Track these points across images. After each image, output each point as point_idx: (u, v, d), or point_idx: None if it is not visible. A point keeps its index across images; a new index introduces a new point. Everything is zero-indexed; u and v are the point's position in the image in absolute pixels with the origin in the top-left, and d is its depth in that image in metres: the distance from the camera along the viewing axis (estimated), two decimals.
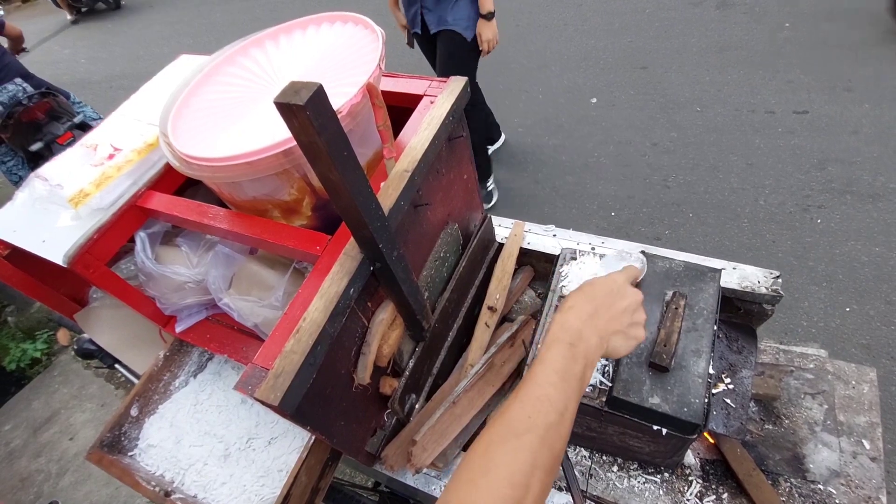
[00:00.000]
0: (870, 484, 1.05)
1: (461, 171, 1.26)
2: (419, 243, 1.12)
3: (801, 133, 3.20)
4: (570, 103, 4.03)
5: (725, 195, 3.04)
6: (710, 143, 3.38)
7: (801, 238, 2.72)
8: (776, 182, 3.00)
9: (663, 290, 1.04)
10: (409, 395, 1.14)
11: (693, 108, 3.64)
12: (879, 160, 2.89)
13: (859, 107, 3.19)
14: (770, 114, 3.38)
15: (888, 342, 2.26)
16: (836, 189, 2.86)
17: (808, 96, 3.38)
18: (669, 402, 0.89)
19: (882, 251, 2.55)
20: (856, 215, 2.72)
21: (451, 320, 1.29)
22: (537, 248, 1.45)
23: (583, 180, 3.43)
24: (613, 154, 3.53)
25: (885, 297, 2.40)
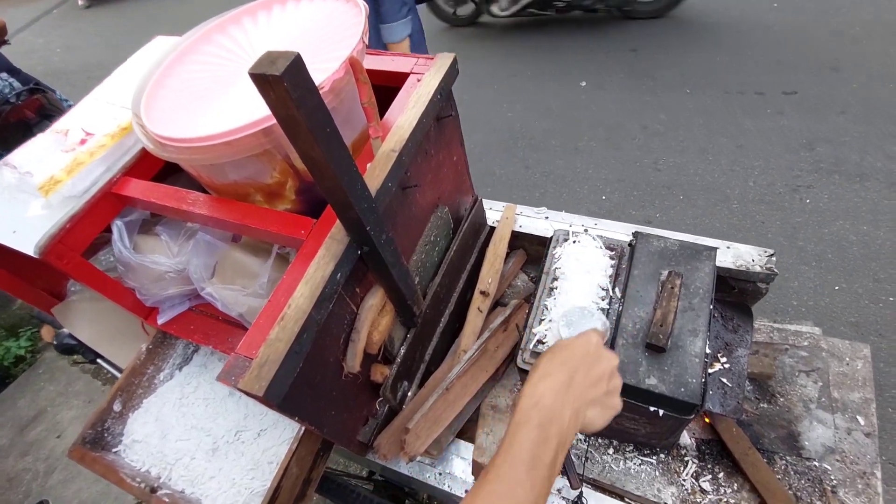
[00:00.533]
0: (864, 459, 1.05)
1: (451, 152, 1.22)
2: (408, 227, 1.08)
3: (790, 114, 3.20)
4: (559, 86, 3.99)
5: (715, 177, 3.04)
6: (699, 125, 3.37)
7: (790, 218, 2.72)
8: (765, 163, 3.00)
9: (658, 269, 1.02)
10: (401, 383, 1.11)
11: (682, 90, 3.62)
12: (867, 139, 2.90)
13: (847, 87, 3.19)
14: (759, 95, 3.37)
15: (876, 320, 2.28)
16: (824, 169, 2.87)
17: (797, 76, 3.37)
18: (667, 382, 0.88)
19: (869, 230, 2.57)
20: (844, 195, 2.73)
21: (442, 305, 1.26)
22: (529, 231, 1.43)
23: (573, 164, 3.40)
24: (604, 137, 3.51)
25: (873, 276, 2.42)
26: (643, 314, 0.96)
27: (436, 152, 1.14)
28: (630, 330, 0.95)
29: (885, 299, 2.33)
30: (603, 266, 1.10)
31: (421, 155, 1.06)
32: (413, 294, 1.02)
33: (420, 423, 1.03)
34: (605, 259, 1.12)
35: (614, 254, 1.12)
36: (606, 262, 1.11)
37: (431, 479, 1.12)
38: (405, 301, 0.99)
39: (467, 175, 1.36)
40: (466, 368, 1.14)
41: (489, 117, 3.93)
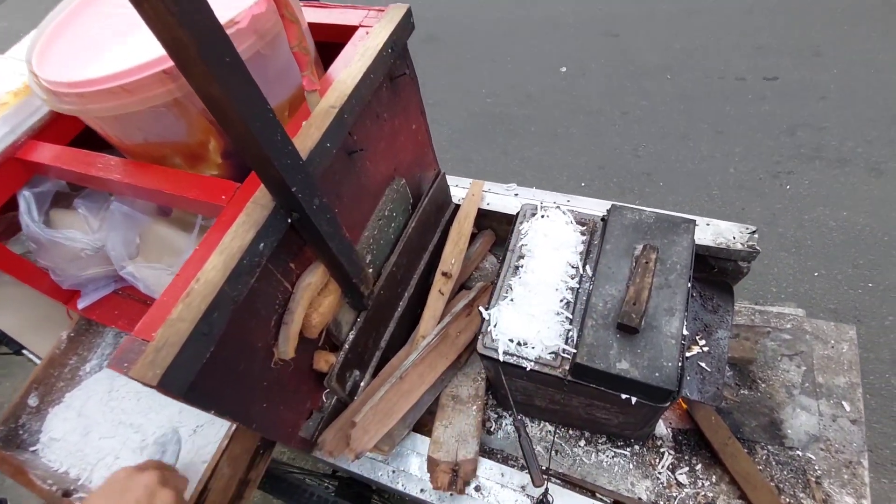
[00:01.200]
0: (850, 448, 0.98)
1: (408, 118, 1.11)
2: (357, 197, 0.97)
3: (772, 99, 3.14)
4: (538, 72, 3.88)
5: (696, 163, 2.97)
6: (680, 111, 3.30)
7: (770, 205, 2.67)
8: (746, 149, 2.95)
9: (632, 243, 0.92)
10: (350, 372, 1.00)
11: (663, 76, 3.54)
12: (847, 125, 2.87)
13: (828, 72, 3.15)
14: (740, 80, 3.31)
15: (855, 306, 2.24)
16: (805, 155, 2.82)
17: (778, 61, 3.32)
18: (639, 366, 0.78)
19: (849, 215, 2.53)
20: (824, 181, 2.69)
21: (400, 288, 1.15)
22: (498, 209, 1.32)
23: (552, 151, 3.31)
24: (583, 123, 3.42)
25: (852, 262, 2.38)
26: (615, 292, 0.87)
27: (390, 117, 1.03)
28: (600, 310, 0.85)
29: (863, 285, 2.29)
30: (573, 242, 1.00)
31: (370, 117, 0.95)
32: (360, 272, 0.90)
33: (369, 415, 0.92)
34: (575, 235, 1.02)
35: (586, 229, 1.03)
36: (577, 238, 1.01)
37: (384, 477, 1.01)
38: (350, 279, 0.88)
39: (429, 146, 1.25)
40: (424, 356, 1.03)
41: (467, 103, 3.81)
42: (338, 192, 0.89)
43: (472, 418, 1.02)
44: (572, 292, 0.94)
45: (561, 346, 0.87)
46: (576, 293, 0.93)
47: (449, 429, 1.00)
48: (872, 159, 2.68)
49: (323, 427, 1.00)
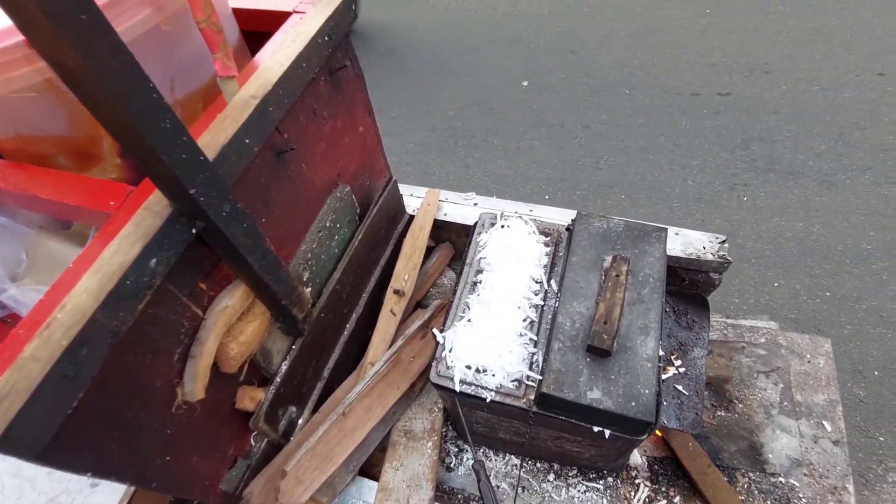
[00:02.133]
0: (834, 472, 0.91)
1: (354, 119, 1.00)
2: (292, 206, 0.84)
3: (726, 114, 3.22)
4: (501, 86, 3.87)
5: (656, 176, 2.99)
6: (639, 125, 3.34)
7: (729, 216, 2.70)
8: (704, 162, 2.99)
9: (601, 254, 0.83)
10: (284, 409, 0.86)
11: (622, 91, 3.59)
12: (797, 139, 2.95)
13: (777, 88, 3.26)
14: (695, 96, 3.39)
15: (814, 315, 2.26)
16: (759, 167, 2.88)
17: (731, 78, 3.42)
18: (613, 395, 0.68)
19: (804, 226, 2.57)
20: (779, 192, 2.74)
21: (347, 308, 1.02)
22: (456, 220, 1.22)
23: (516, 164, 3.27)
24: (546, 136, 3.41)
25: (808, 271, 2.41)
26: (583, 309, 0.77)
27: (331, 115, 0.91)
28: (568, 330, 0.75)
29: (821, 294, 2.31)
30: (536, 254, 0.91)
31: (305, 113, 0.83)
32: (291, 292, 0.77)
33: (303, 461, 0.78)
34: (538, 246, 0.92)
35: (550, 240, 0.93)
36: (541, 250, 0.91)
37: None
38: (279, 302, 0.75)
39: (380, 152, 1.14)
40: (372, 386, 0.90)
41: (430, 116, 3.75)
42: (264, 197, 0.76)
43: (426, 457, 0.89)
44: (536, 310, 0.83)
45: (525, 373, 0.76)
46: (540, 311, 0.83)
47: (400, 472, 0.87)
48: (823, 172, 2.75)
49: (251, 476, 0.84)
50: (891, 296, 2.23)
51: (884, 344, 2.08)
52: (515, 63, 4.11)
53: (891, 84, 3.18)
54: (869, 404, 2.00)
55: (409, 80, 4.03)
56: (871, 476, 1.85)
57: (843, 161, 2.78)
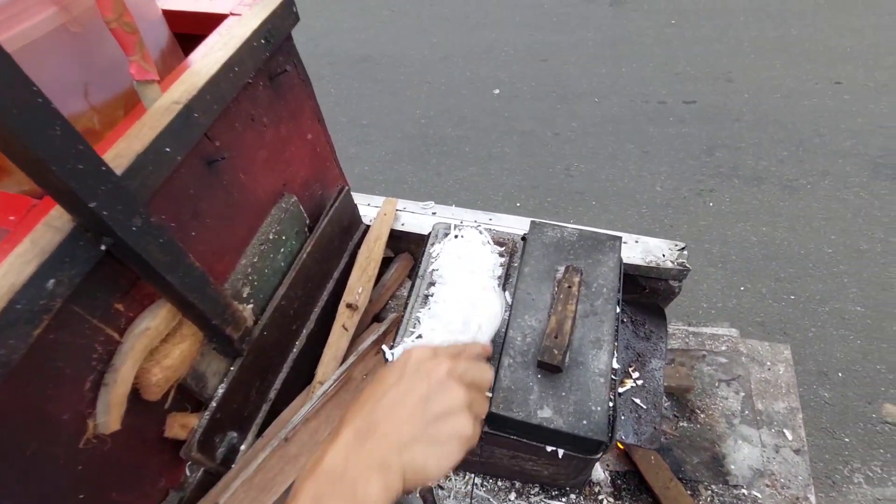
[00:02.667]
0: (796, 481, 0.89)
1: (300, 127, 0.95)
2: (228, 218, 0.79)
3: (691, 122, 3.28)
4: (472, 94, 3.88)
5: (625, 182, 3.02)
6: (607, 132, 3.38)
7: (696, 221, 2.73)
8: (671, 168, 3.04)
9: (553, 264, 0.80)
10: (222, 435, 0.80)
11: (591, 99, 3.64)
12: (760, 145, 3.02)
13: (740, 96, 3.34)
14: (662, 104, 3.45)
15: (780, 318, 2.29)
16: (724, 174, 2.93)
17: (695, 87, 3.50)
18: (564, 413, 0.65)
19: (768, 230, 2.62)
20: (743, 198, 2.80)
21: (296, 324, 0.97)
22: (414, 230, 1.18)
23: (487, 171, 3.26)
24: (517, 144, 3.42)
25: (774, 275, 2.45)
26: (535, 322, 0.74)
27: (272, 122, 0.87)
28: (519, 345, 0.72)
29: (786, 298, 2.35)
30: (490, 265, 0.88)
31: (241, 120, 0.78)
32: (224, 310, 0.72)
33: (238, 493, 0.72)
34: (493, 256, 0.89)
35: (504, 249, 0.90)
36: (495, 260, 0.88)
37: None
38: (209, 321, 0.70)
39: (332, 160, 1.10)
40: (319, 407, 0.85)
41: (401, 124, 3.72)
42: (194, 209, 0.71)
43: None
44: None
45: None
46: None
47: None
48: (785, 177, 2.82)
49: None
50: (852, 298, 2.28)
51: (846, 346, 2.12)
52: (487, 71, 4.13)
53: (847, 92, 3.29)
54: (834, 406, 2.03)
55: (380, 89, 4.00)
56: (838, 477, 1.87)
57: (804, 167, 2.86)
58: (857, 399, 1.99)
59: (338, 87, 4.15)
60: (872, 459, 1.83)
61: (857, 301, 2.28)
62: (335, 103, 3.92)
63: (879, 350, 2.09)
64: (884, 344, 2.10)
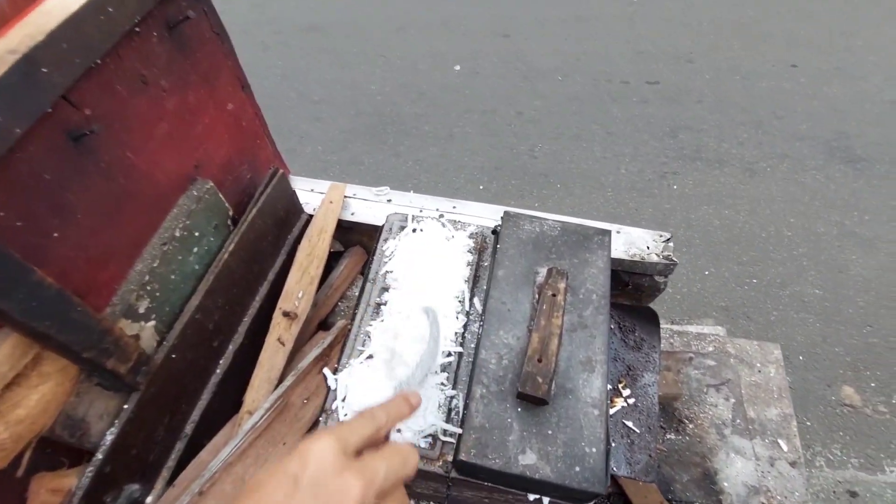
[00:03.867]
0: (793, 498, 0.81)
1: (216, 94, 0.76)
2: (110, 212, 0.60)
3: (654, 102, 3.23)
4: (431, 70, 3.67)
5: (590, 164, 2.94)
6: (572, 111, 3.28)
7: (660, 205, 2.69)
8: (635, 150, 2.98)
9: (533, 265, 0.66)
10: (117, 492, 0.62)
11: (555, 77, 3.52)
12: (721, 127, 3.00)
13: (701, 77, 3.31)
14: (625, 83, 3.38)
15: (743, 303, 2.28)
16: (687, 156, 2.90)
17: (657, 67, 3.44)
18: (552, 458, 0.52)
19: (730, 214, 2.61)
20: (706, 181, 2.78)
21: (218, 340, 0.79)
22: (367, 220, 1.01)
23: (448, 151, 3.10)
24: (479, 123, 3.26)
25: (736, 259, 2.44)
26: (512, 340, 0.60)
27: (176, 88, 0.67)
28: (493, 370, 0.58)
29: (749, 281, 2.35)
30: (457, 265, 0.73)
31: (125, 81, 0.59)
32: (97, 339, 0.54)
33: None
34: (460, 254, 0.74)
35: (473, 245, 0.76)
36: (462, 259, 0.73)
37: None
38: (77, 355, 0.51)
39: (264, 136, 0.91)
40: (245, 447, 0.68)
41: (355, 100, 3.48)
42: (54, 201, 0.52)
43: None
44: (456, 340, 0.65)
45: (440, 427, 0.58)
46: (462, 340, 0.66)
47: None
48: (746, 160, 2.81)
49: None
50: (811, 281, 2.31)
51: (806, 328, 2.14)
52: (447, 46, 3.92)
53: (803, 75, 3.33)
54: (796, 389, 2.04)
55: (332, 61, 3.72)
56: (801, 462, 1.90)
57: (763, 149, 2.86)
58: (818, 382, 2.01)
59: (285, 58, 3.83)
60: (833, 442, 1.85)
61: (816, 284, 2.31)
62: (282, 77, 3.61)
63: (838, 333, 2.11)
64: (841, 326, 2.13)
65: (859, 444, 1.87)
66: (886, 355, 2.06)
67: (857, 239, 2.46)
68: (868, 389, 1.98)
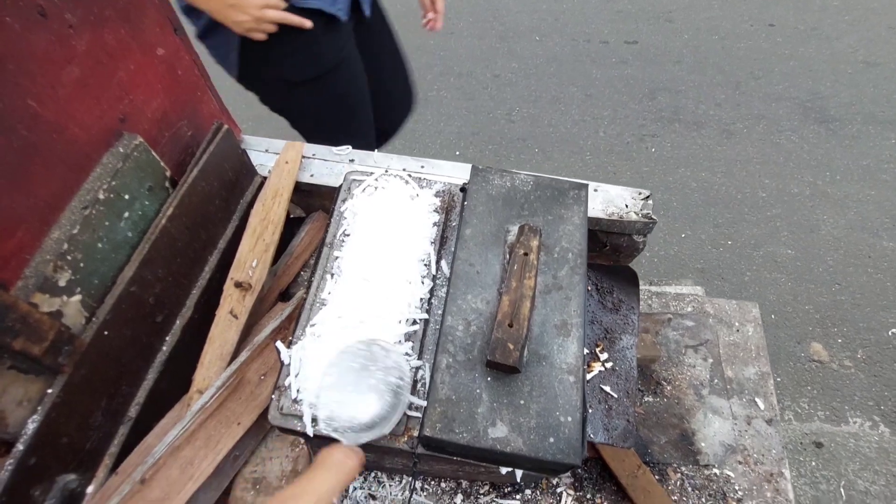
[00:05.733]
0: (769, 455, 0.80)
1: (141, 35, 0.66)
2: (15, 173, 0.51)
3: (633, 63, 3.15)
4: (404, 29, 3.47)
5: (568, 128, 2.87)
6: (550, 73, 3.18)
7: (639, 168, 2.66)
8: (613, 112, 2.91)
9: (503, 223, 0.61)
10: (48, 484, 0.56)
11: (532, 38, 3.39)
12: (700, 89, 2.96)
13: (680, 37, 3.24)
14: (604, 44, 3.28)
15: (718, 264, 2.29)
16: (665, 118, 2.86)
17: (636, 26, 3.35)
18: (524, 430, 0.47)
19: (707, 176, 2.60)
20: (683, 143, 2.74)
21: (161, 315, 0.72)
22: (327, 182, 0.93)
23: (424, 116, 2.98)
24: (455, 86, 3.14)
25: (712, 221, 2.44)
26: (481, 304, 0.55)
27: (85, 25, 0.57)
28: (460, 337, 0.53)
29: (724, 243, 2.35)
30: (423, 225, 0.66)
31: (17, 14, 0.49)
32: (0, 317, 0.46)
33: None
34: (425, 213, 0.68)
35: (440, 204, 0.69)
36: (427, 219, 0.67)
37: None
38: None
39: (205, 88, 0.81)
40: (195, 428, 0.62)
41: None
42: None
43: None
44: (422, 306, 0.60)
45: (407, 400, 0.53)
46: (427, 307, 0.60)
47: None
48: (723, 122, 2.79)
49: None
50: (783, 241, 2.33)
51: (778, 288, 2.17)
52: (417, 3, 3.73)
53: (780, 35, 3.28)
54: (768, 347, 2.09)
55: None
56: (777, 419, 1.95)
57: (740, 111, 2.84)
58: (788, 339, 2.05)
59: None
60: (801, 396, 1.90)
61: (788, 244, 2.33)
62: None
63: (808, 291, 2.15)
64: (811, 285, 2.16)
65: (825, 397, 1.93)
66: (853, 312, 2.11)
67: (829, 199, 2.48)
68: (835, 345, 2.03)
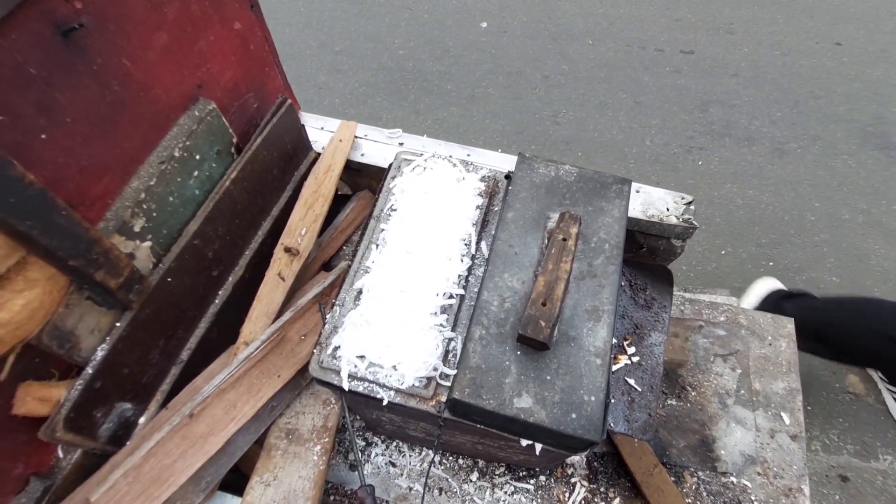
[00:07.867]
0: (790, 471, 0.80)
1: (222, 9, 0.71)
2: (106, 123, 0.57)
3: (687, 73, 3.08)
4: (457, 26, 3.53)
5: (614, 134, 2.84)
6: (600, 78, 3.15)
7: (683, 180, 2.60)
8: (662, 122, 2.86)
9: (545, 210, 0.63)
10: (108, 409, 0.62)
11: (585, 41, 3.36)
12: (755, 104, 2.87)
13: (739, 50, 3.14)
14: (659, 52, 3.22)
15: None
16: (716, 131, 2.78)
17: (695, 36, 3.27)
18: (548, 404, 0.50)
19: (755, 194, 2.52)
20: (733, 158, 2.67)
21: (217, 270, 0.78)
22: (377, 163, 0.98)
23: (469, 112, 3.01)
24: (503, 85, 3.15)
25: (755, 240, 2.37)
26: (517, 283, 0.57)
27: None
28: (494, 311, 0.55)
29: (765, 264, 2.28)
30: (466, 206, 0.69)
31: None
32: (86, 248, 0.52)
33: (119, 487, 0.55)
34: (469, 196, 0.71)
35: (485, 188, 0.72)
36: (472, 201, 0.70)
37: None
38: (64, 262, 0.50)
39: (273, 64, 0.86)
40: (240, 375, 0.68)
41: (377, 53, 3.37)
42: (42, 100, 0.49)
43: (310, 467, 0.69)
44: (459, 282, 0.63)
45: (433, 364, 0.57)
46: (465, 283, 0.63)
47: (272, 487, 0.67)
48: (776, 140, 2.69)
49: (61, 496, 0.61)
50: (829, 268, 2.23)
51: None
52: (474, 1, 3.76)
53: (846, 55, 3.13)
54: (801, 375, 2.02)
55: (356, 12, 3.60)
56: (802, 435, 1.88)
57: (796, 130, 2.73)
58: (824, 369, 1.97)
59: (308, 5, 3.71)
60: (831, 428, 1.83)
61: (834, 271, 2.24)
62: (305, 24, 3.51)
63: None
64: None
65: (857, 431, 1.84)
66: None
67: (882, 228, 2.36)
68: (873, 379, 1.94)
